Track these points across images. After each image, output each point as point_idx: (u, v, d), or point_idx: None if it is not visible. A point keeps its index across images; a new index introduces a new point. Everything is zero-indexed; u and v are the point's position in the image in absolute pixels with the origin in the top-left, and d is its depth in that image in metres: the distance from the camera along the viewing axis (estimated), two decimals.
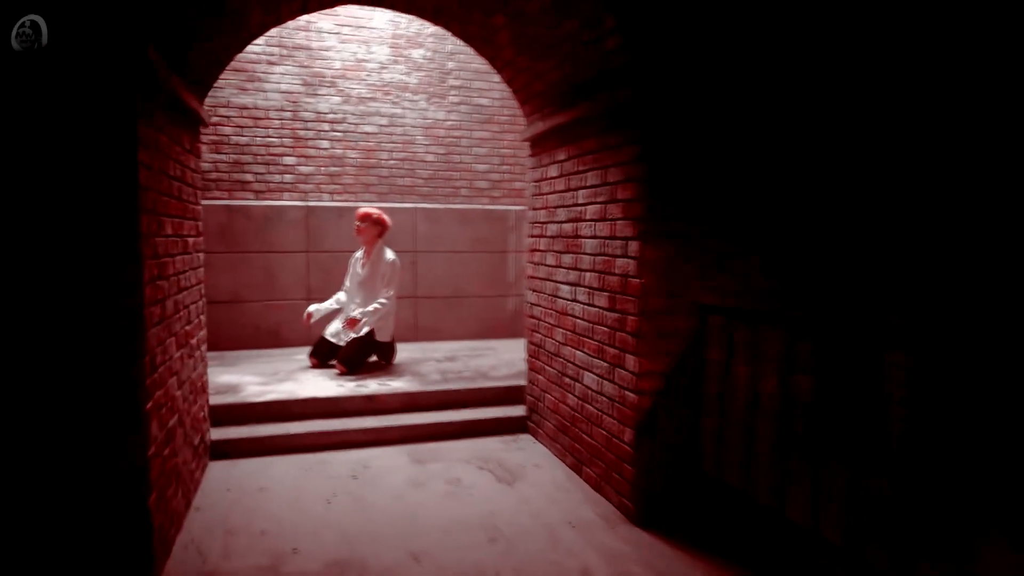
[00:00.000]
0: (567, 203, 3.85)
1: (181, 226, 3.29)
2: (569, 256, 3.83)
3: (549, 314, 4.15)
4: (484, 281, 6.82)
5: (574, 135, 3.74)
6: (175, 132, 3.20)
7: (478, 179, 6.86)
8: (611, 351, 3.39)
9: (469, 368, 5.42)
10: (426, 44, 6.55)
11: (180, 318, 3.21)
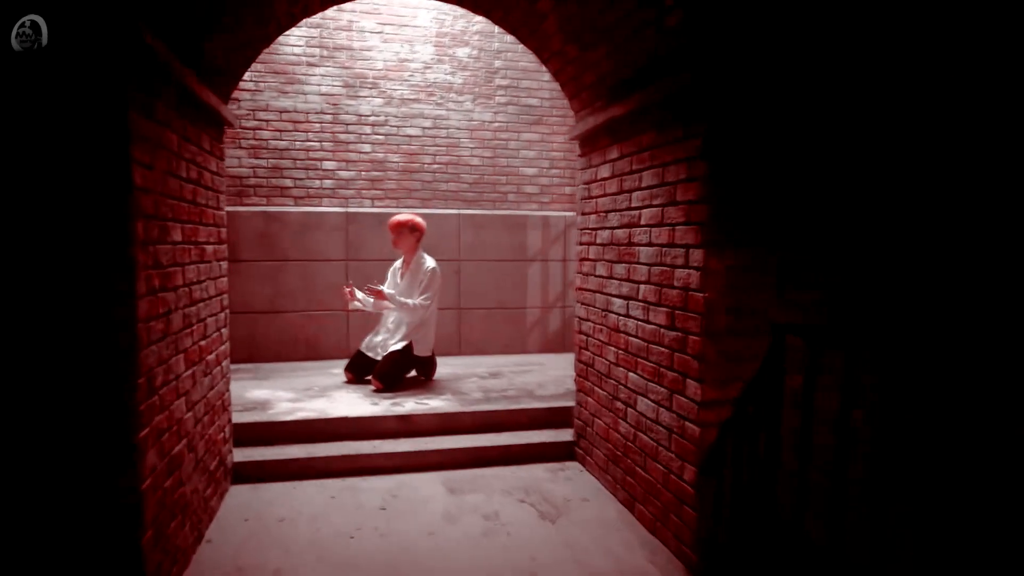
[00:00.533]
0: (620, 207, 3.44)
1: (196, 232, 3.01)
2: (622, 266, 3.42)
3: (599, 330, 3.73)
4: (532, 292, 6.44)
5: (628, 130, 3.33)
6: (190, 131, 2.93)
7: (526, 184, 6.50)
8: (670, 375, 2.96)
9: (514, 386, 5.04)
10: (472, 42, 6.23)
11: (192, 333, 2.93)
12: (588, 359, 3.93)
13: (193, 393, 2.96)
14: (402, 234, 4.94)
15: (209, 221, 3.26)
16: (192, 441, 2.94)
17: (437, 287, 4.95)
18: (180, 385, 2.77)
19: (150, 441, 2.37)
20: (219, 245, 3.46)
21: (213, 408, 3.32)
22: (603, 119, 3.49)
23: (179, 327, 2.75)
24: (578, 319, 4.09)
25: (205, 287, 3.17)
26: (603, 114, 3.49)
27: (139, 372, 2.28)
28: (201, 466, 3.07)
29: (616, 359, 3.52)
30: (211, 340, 3.28)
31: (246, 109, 5.77)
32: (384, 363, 4.82)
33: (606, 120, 3.46)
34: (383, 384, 4.74)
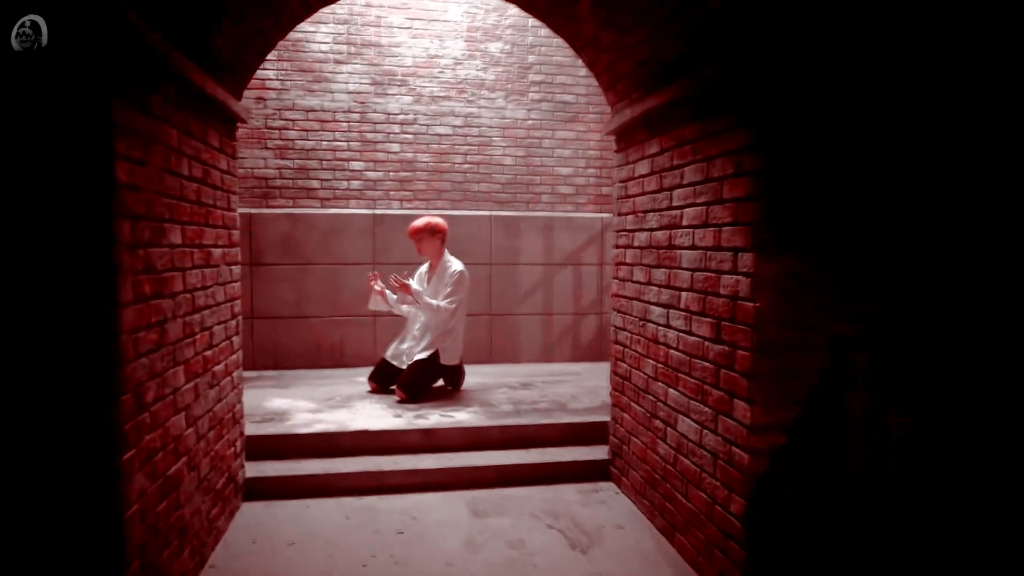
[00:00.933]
0: (659, 206, 3.13)
1: (200, 234, 2.81)
2: (662, 271, 3.11)
3: (637, 341, 3.43)
4: (567, 297, 6.15)
5: (668, 122, 3.02)
6: (194, 126, 2.73)
7: (561, 184, 6.21)
8: (715, 393, 2.64)
9: (546, 397, 4.75)
10: (504, 36, 5.97)
11: (195, 342, 2.72)
12: (624, 372, 3.62)
13: (196, 407, 2.75)
14: (424, 239, 4.70)
15: (217, 222, 3.06)
16: (194, 459, 2.73)
17: (464, 291, 4.69)
18: (179, 399, 2.56)
19: (137, 463, 2.16)
20: (229, 248, 3.26)
21: (221, 422, 3.11)
22: (641, 111, 3.18)
23: (178, 336, 2.55)
24: (614, 328, 3.79)
25: (212, 293, 2.97)
26: (640, 105, 3.19)
27: (124, 388, 2.06)
28: (205, 485, 2.86)
29: (655, 373, 3.21)
30: (219, 350, 3.07)
31: (272, 108, 5.61)
32: (409, 373, 4.59)
33: (644, 112, 3.16)
34: (407, 395, 4.50)
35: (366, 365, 5.63)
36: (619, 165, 3.70)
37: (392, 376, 4.74)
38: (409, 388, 4.52)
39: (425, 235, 4.68)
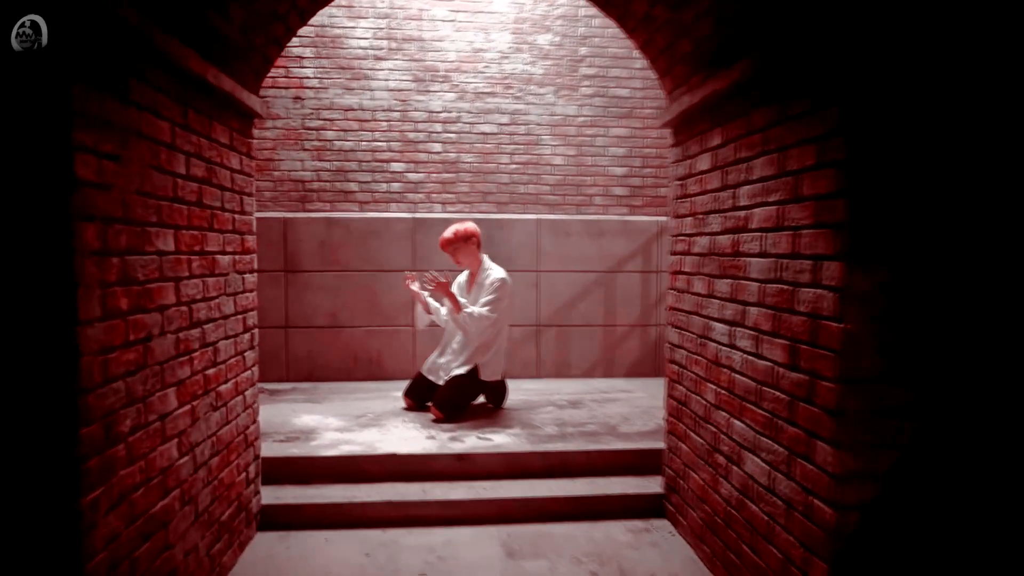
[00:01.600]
0: (723, 206, 2.69)
1: (202, 240, 2.52)
2: (725, 282, 2.67)
3: (696, 362, 2.99)
4: (620, 307, 5.70)
5: (733, 108, 2.59)
6: (194, 120, 2.45)
7: (615, 185, 5.78)
8: (789, 430, 2.19)
9: (595, 418, 4.33)
10: (554, 28, 5.59)
11: (192, 360, 2.43)
12: (681, 396, 3.18)
13: (193, 433, 2.46)
14: (459, 248, 4.35)
15: (225, 227, 2.77)
16: (190, 491, 2.43)
17: (507, 299, 4.31)
18: (169, 425, 2.26)
19: (105, 505, 1.86)
20: (242, 255, 2.98)
21: (229, 446, 2.82)
22: (701, 96, 2.75)
23: (169, 355, 2.25)
24: (670, 345, 3.35)
25: (217, 305, 2.68)
26: (701, 90, 2.76)
27: (88, 418, 1.77)
28: (204, 519, 2.57)
29: (716, 400, 2.76)
30: (226, 367, 2.78)
31: (310, 108, 5.38)
32: (446, 389, 4.24)
33: (705, 97, 2.72)
34: (443, 414, 4.16)
35: (404, 378, 5.31)
36: (676, 161, 3.27)
37: (429, 392, 4.41)
38: (445, 407, 4.17)
39: (459, 244, 4.33)
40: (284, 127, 5.37)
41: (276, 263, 5.27)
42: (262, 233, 5.21)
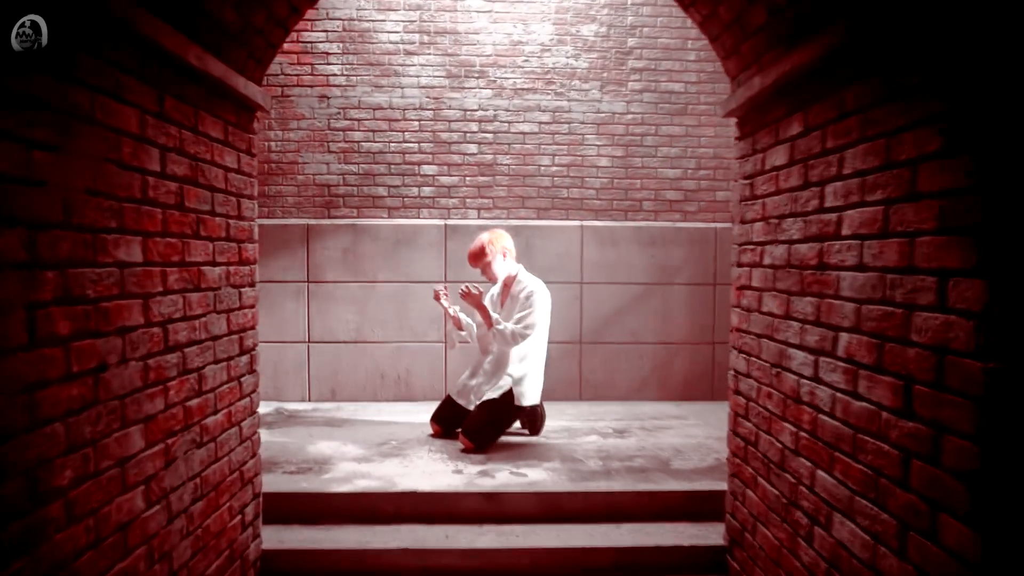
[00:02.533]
0: (804, 208, 2.20)
1: (183, 249, 2.15)
2: (808, 301, 2.17)
3: (767, 395, 2.48)
4: (673, 323, 5.19)
5: (819, 87, 2.09)
6: (174, 108, 2.08)
7: (667, 188, 5.28)
8: (901, 496, 1.68)
9: (643, 450, 3.84)
10: (599, 17, 5.14)
11: (167, 391, 2.05)
12: (749, 433, 2.68)
13: (168, 476, 2.07)
14: (488, 263, 3.91)
15: (216, 234, 2.39)
16: (162, 546, 2.04)
17: (544, 314, 3.86)
18: (132, 471, 1.88)
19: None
20: (239, 266, 2.60)
21: (218, 487, 2.44)
22: (777, 75, 2.26)
23: (133, 386, 1.87)
24: (734, 373, 2.85)
25: (204, 324, 2.30)
26: (776, 68, 2.27)
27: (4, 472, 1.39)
28: None
29: (795, 444, 2.26)
30: (215, 396, 2.40)
31: (336, 107, 5.03)
32: (477, 416, 3.81)
33: (782, 76, 2.23)
34: (474, 444, 3.72)
35: (434, 399, 4.91)
36: (742, 157, 2.78)
37: (458, 417, 3.98)
38: (476, 436, 3.73)
39: (488, 255, 3.89)
40: (309, 128, 5.03)
41: (298, 273, 4.93)
42: (283, 241, 4.88)
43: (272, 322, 4.91)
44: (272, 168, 5.05)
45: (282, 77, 5.02)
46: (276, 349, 4.94)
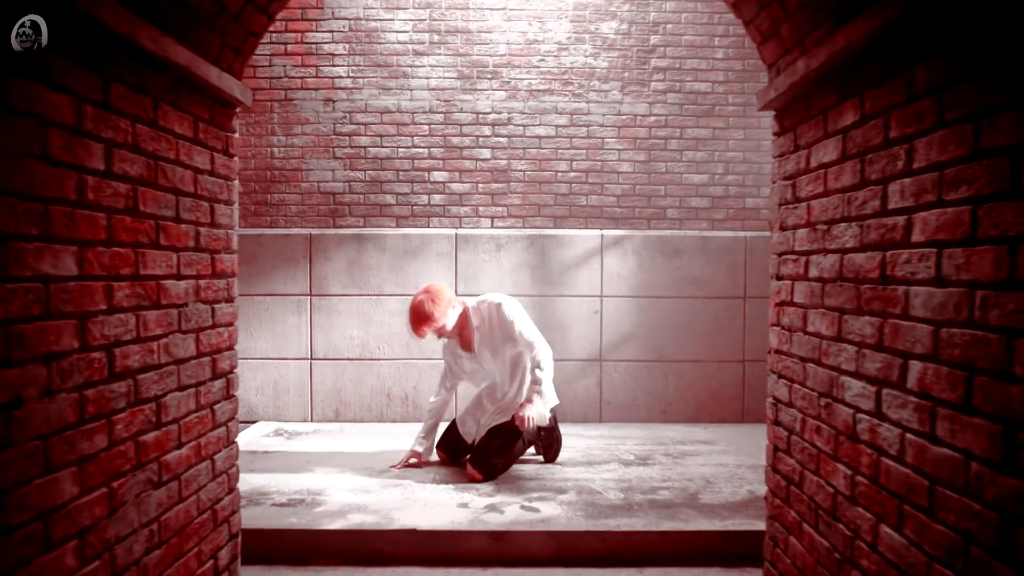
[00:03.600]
0: (860, 211, 1.86)
1: (135, 261, 1.87)
2: (867, 321, 1.82)
3: (815, 429, 2.13)
4: (700, 340, 4.83)
5: (880, 67, 1.76)
6: (123, 97, 1.81)
7: (692, 195, 4.94)
8: (1003, 572, 1.33)
9: (669, 480, 3.49)
10: (620, 13, 4.83)
11: (111, 426, 1.76)
12: (791, 471, 2.32)
13: (112, 525, 1.78)
14: (441, 326, 3.38)
15: (182, 243, 2.12)
16: None
17: (524, 316, 3.50)
18: (60, 524, 1.59)
19: None
20: (213, 280, 2.32)
21: (183, 531, 2.14)
22: (826, 56, 1.93)
23: (63, 422, 1.59)
24: (773, 400, 2.50)
25: (164, 346, 2.02)
26: (825, 48, 1.94)
27: None
28: None
29: (851, 489, 1.90)
30: (180, 428, 2.11)
31: (341, 111, 4.78)
32: (485, 444, 3.49)
33: (833, 57, 1.90)
34: (483, 475, 3.40)
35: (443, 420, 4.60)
36: (781, 155, 2.44)
37: (465, 445, 3.67)
38: (485, 466, 3.41)
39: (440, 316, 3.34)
40: (313, 133, 4.78)
41: (300, 286, 4.66)
42: (285, 252, 4.62)
43: (273, 337, 4.65)
44: (275, 175, 4.81)
45: (285, 80, 4.78)
46: (276, 366, 4.67)
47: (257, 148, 4.80)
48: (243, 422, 4.68)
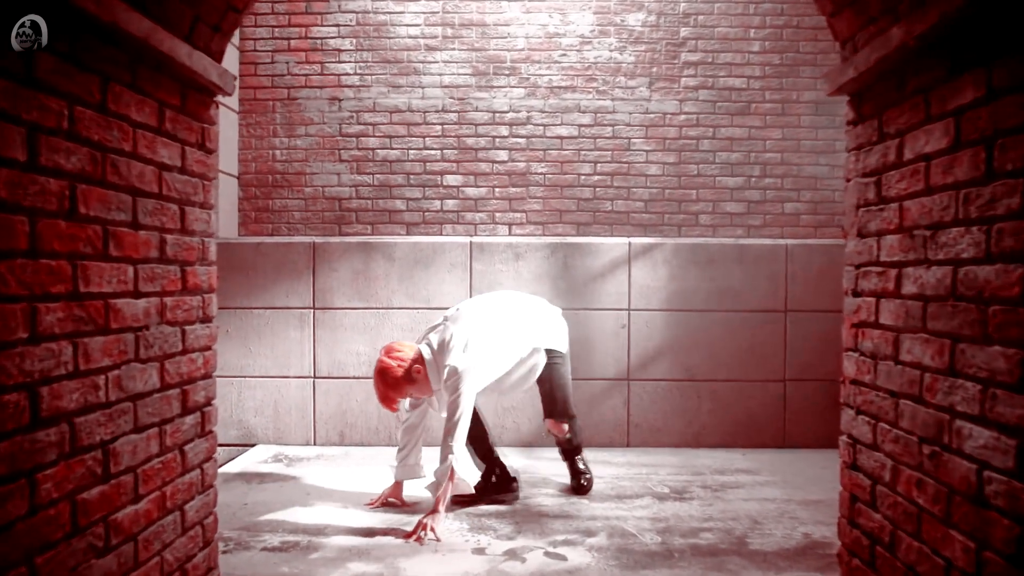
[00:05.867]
0: (987, 211, 1.47)
1: (71, 277, 1.51)
2: (997, 351, 1.42)
3: (915, 482, 1.73)
4: (736, 357, 4.41)
5: (1012, 31, 1.37)
6: (57, 71, 1.47)
7: (726, 200, 4.55)
8: None
9: (711, 519, 3.09)
10: (647, 4, 4.47)
11: (32, 487, 1.41)
12: (878, 529, 1.91)
13: None
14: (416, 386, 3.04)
15: (143, 254, 1.76)
16: None
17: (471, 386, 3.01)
18: None
19: None
20: (184, 297, 1.96)
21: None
22: (937, 18, 1.54)
23: None
24: (849, 440, 2.10)
25: (116, 379, 1.66)
26: (938, 7, 1.55)
27: None
28: None
29: (974, 566, 1.50)
30: (136, 477, 1.75)
31: (348, 111, 4.45)
32: (548, 396, 3.27)
33: (947, 19, 1.51)
34: (564, 422, 3.19)
35: None
36: (859, 147, 2.05)
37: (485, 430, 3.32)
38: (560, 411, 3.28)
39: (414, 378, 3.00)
40: (318, 134, 4.46)
41: (302, 298, 4.31)
42: (287, 262, 4.28)
43: (273, 354, 4.30)
44: (277, 179, 4.48)
45: (288, 78, 4.46)
46: (277, 385, 4.32)
47: (258, 150, 4.47)
48: (241, 445, 4.34)
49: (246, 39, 4.43)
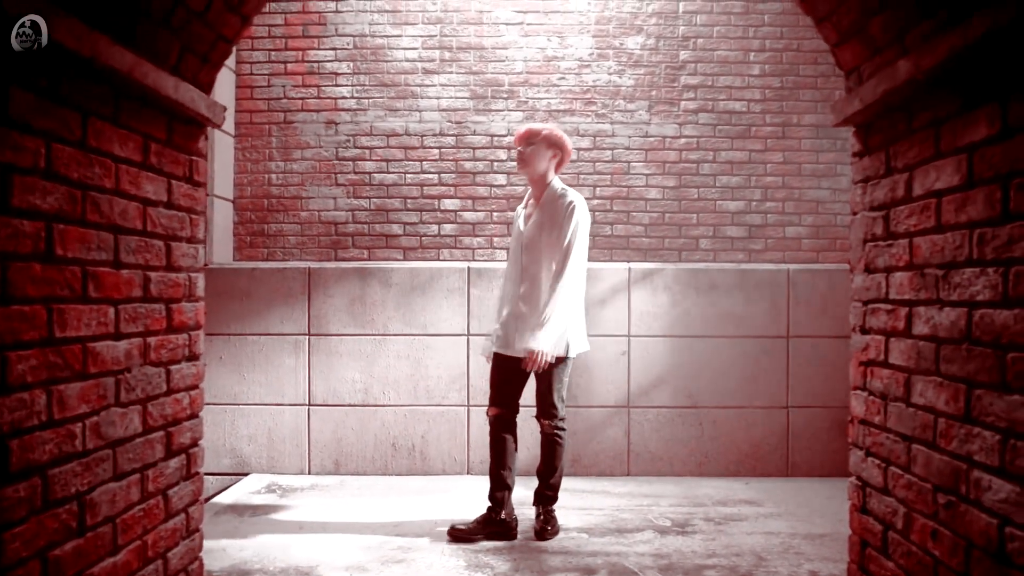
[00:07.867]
0: (1004, 253, 1.40)
1: (51, 321, 1.45)
2: (1017, 402, 1.36)
3: (929, 532, 1.65)
4: (738, 384, 4.34)
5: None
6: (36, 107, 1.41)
7: (727, 224, 4.50)
8: None
9: (715, 555, 3.00)
10: (646, 28, 4.44)
11: (4, 545, 1.33)
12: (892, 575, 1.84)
13: None
14: (536, 149, 3.13)
15: (125, 293, 1.70)
16: None
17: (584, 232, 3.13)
18: None
19: None
20: (170, 335, 1.90)
21: None
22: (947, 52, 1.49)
23: None
24: (859, 483, 2.02)
25: (94, 426, 1.59)
26: (950, 40, 1.50)
27: None
28: None
29: None
30: (113, 527, 1.67)
31: (345, 134, 4.40)
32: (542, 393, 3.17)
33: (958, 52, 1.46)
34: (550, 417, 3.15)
35: (455, 473, 4.16)
36: (866, 180, 1.99)
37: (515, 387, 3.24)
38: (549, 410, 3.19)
39: (540, 144, 3.12)
40: (314, 158, 4.41)
41: (297, 325, 4.24)
42: (281, 288, 4.21)
43: (267, 381, 4.23)
44: (272, 204, 4.43)
45: (284, 101, 4.42)
46: (271, 413, 4.24)
47: (254, 174, 4.42)
48: (234, 474, 4.25)
49: (242, 62, 4.40)
